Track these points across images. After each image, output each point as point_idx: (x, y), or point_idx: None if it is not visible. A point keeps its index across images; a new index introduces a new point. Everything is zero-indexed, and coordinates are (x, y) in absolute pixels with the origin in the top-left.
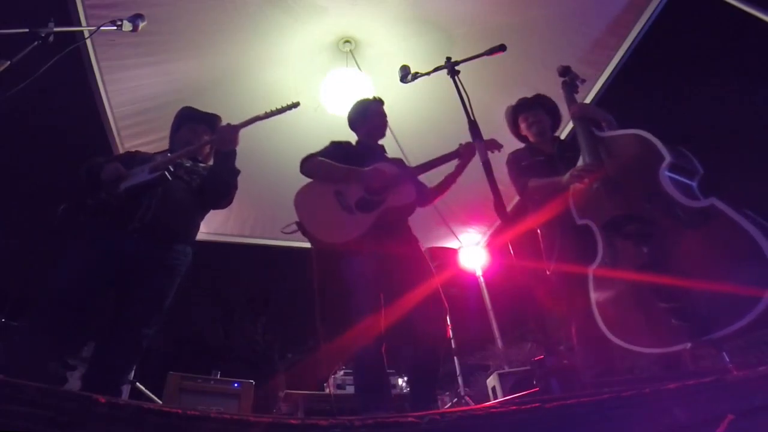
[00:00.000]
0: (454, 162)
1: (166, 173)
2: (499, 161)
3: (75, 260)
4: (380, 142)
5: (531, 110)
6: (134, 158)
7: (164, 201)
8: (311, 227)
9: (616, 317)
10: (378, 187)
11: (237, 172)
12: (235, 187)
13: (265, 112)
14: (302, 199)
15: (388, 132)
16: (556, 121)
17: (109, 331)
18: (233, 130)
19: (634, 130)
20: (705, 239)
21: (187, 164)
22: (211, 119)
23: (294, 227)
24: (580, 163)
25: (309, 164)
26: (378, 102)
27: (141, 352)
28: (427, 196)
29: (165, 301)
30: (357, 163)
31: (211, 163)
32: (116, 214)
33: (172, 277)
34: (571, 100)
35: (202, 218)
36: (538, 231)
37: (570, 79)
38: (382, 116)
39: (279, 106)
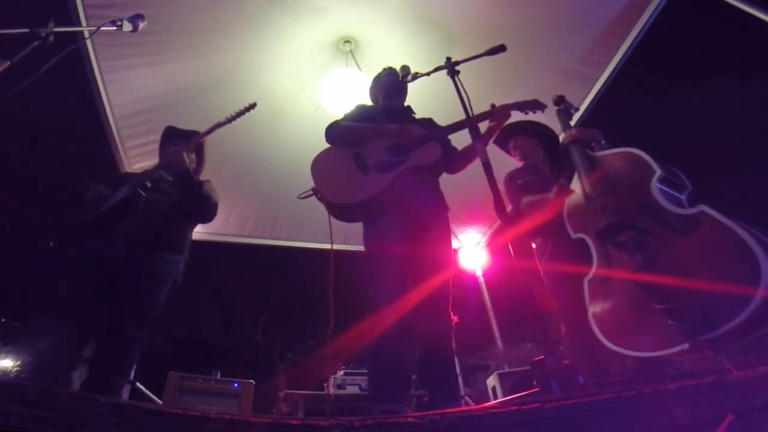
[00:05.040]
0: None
1: (139, 189)
2: (499, 161)
3: (70, 274)
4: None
5: (514, 136)
6: (122, 179)
7: (146, 214)
8: (324, 190)
9: (612, 324)
10: (403, 144)
11: (198, 186)
12: (207, 199)
13: (225, 118)
14: (319, 162)
15: None
16: (546, 142)
17: (102, 336)
18: (176, 152)
19: (625, 148)
20: (696, 244)
21: (170, 178)
22: (187, 135)
23: (310, 192)
24: (575, 181)
25: (332, 131)
26: (389, 68)
27: (133, 355)
28: (455, 160)
29: (153, 306)
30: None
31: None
32: (103, 229)
33: (158, 283)
34: (566, 126)
35: (191, 228)
36: (533, 245)
37: (565, 108)
38: (395, 75)
39: (237, 110)
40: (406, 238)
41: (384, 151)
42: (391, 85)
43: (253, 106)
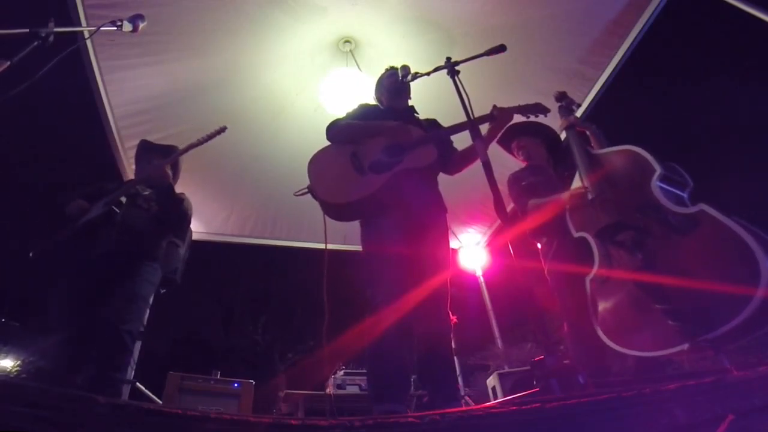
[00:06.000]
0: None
1: (113, 207)
2: (499, 161)
3: (61, 286)
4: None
5: (517, 137)
6: (100, 193)
7: (123, 228)
8: (319, 189)
9: (613, 324)
10: (400, 145)
11: (177, 201)
12: (185, 214)
13: (198, 140)
14: (316, 161)
15: None
16: (548, 142)
17: (94, 334)
18: (159, 167)
19: (626, 146)
20: (696, 243)
21: (146, 192)
22: (166, 150)
23: (305, 190)
24: (576, 181)
25: (333, 129)
26: (391, 68)
27: (125, 346)
28: (454, 162)
29: (136, 304)
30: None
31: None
32: (84, 242)
33: (140, 287)
34: None
35: (169, 238)
36: (538, 245)
37: (566, 104)
38: (396, 76)
39: (209, 133)
40: (406, 238)
41: (381, 151)
42: (392, 85)
43: (223, 129)
